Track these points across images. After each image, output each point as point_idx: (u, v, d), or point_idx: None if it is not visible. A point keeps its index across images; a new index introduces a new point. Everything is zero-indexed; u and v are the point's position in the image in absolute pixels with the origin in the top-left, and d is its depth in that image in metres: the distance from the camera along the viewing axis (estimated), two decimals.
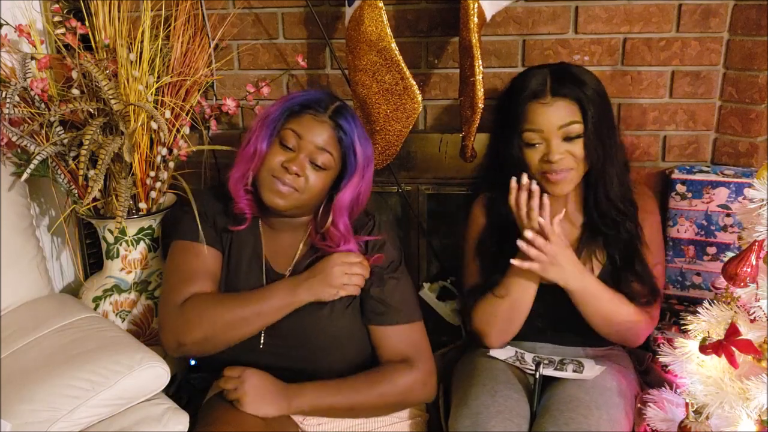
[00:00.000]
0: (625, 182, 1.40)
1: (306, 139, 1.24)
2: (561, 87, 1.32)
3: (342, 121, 1.26)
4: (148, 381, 1.21)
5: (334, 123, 1.26)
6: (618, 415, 1.25)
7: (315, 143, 1.24)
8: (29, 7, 1.55)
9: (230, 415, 1.20)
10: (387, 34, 1.40)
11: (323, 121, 1.26)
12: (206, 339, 1.23)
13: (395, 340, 1.30)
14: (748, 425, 1.09)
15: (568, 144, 1.33)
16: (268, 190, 1.24)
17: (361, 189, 1.29)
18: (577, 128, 1.32)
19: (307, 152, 1.24)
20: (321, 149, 1.24)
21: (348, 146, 1.26)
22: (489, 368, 1.38)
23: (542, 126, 1.32)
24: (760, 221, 1.06)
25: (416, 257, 1.80)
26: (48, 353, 1.23)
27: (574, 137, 1.32)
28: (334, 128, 1.26)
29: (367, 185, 1.31)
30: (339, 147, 1.26)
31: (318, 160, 1.24)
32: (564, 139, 1.32)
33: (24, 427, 1.10)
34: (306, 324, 1.28)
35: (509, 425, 1.22)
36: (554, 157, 1.32)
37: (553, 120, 1.32)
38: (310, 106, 1.27)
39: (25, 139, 1.45)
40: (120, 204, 1.46)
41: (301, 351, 1.29)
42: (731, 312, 1.13)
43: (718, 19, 1.58)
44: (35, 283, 1.50)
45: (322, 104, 1.27)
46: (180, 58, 1.60)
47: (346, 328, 1.30)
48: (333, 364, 1.29)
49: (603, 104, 1.35)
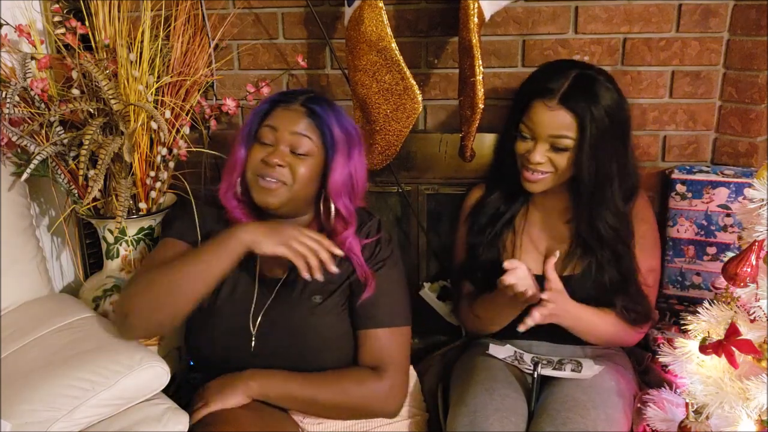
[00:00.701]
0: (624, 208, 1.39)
1: (281, 130, 1.24)
2: (571, 98, 1.32)
3: (314, 105, 1.26)
4: (148, 381, 1.21)
5: (306, 109, 1.26)
6: (616, 415, 1.25)
7: (290, 130, 1.24)
8: (29, 7, 1.55)
9: (230, 415, 1.20)
10: (387, 34, 1.40)
11: (295, 109, 1.26)
12: (150, 305, 1.19)
13: (373, 344, 1.29)
14: (748, 425, 1.09)
15: (553, 153, 1.35)
16: (256, 191, 1.24)
17: (351, 170, 1.27)
18: (566, 143, 1.33)
19: (286, 142, 1.24)
20: (298, 135, 1.24)
21: (324, 128, 1.25)
22: (487, 367, 1.38)
23: (535, 126, 1.35)
24: (760, 221, 1.06)
25: (416, 257, 1.80)
26: (48, 353, 1.23)
27: (560, 149, 1.34)
28: (308, 114, 1.25)
29: (359, 166, 1.29)
30: (317, 131, 1.25)
31: (298, 148, 1.24)
32: (551, 146, 1.34)
33: (24, 427, 1.10)
34: (296, 325, 1.27)
35: (507, 424, 1.22)
36: (533, 158, 1.36)
37: (547, 126, 1.33)
38: (280, 100, 1.28)
39: (25, 139, 1.45)
40: (120, 204, 1.46)
41: (292, 353, 1.28)
42: (731, 312, 1.13)
43: (718, 19, 1.58)
44: (35, 283, 1.50)
45: (293, 95, 1.29)
46: (180, 58, 1.60)
47: (336, 329, 1.29)
48: (325, 367, 1.28)
49: (612, 126, 1.33)
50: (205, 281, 1.19)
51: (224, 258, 1.18)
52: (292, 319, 1.27)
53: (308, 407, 1.28)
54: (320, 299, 1.29)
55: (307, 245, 1.19)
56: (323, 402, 1.26)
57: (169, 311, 1.19)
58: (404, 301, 1.34)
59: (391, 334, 1.30)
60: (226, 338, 1.29)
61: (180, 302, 1.19)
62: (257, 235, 1.19)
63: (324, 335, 1.28)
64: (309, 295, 1.29)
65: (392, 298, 1.31)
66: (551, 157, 1.35)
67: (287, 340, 1.28)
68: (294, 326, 1.27)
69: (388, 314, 1.30)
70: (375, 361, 1.29)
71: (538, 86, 1.36)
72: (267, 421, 1.22)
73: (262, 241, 1.18)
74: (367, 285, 1.28)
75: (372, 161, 1.57)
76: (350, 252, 1.28)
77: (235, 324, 1.29)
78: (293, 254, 1.18)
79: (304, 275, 1.18)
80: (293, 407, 1.29)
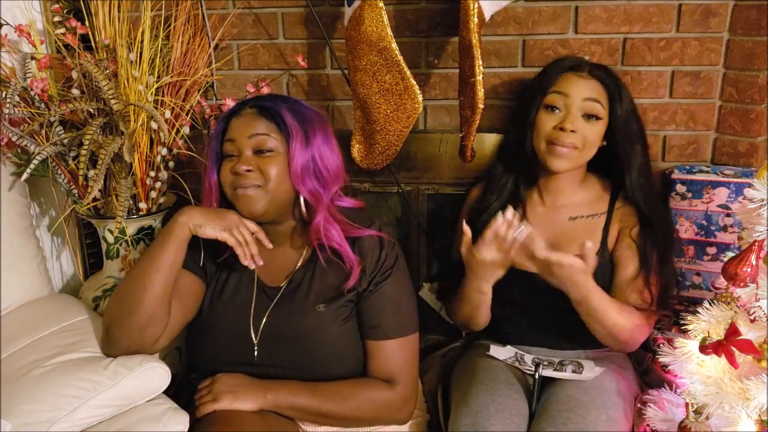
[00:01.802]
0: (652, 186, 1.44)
1: (240, 138, 1.23)
2: (599, 71, 1.40)
3: (263, 102, 1.26)
4: (148, 382, 1.20)
5: (257, 108, 1.25)
6: (616, 416, 1.25)
7: (247, 135, 1.23)
8: (29, 7, 1.55)
9: (230, 415, 1.19)
10: (387, 34, 1.40)
11: (247, 114, 1.26)
12: (123, 310, 1.19)
13: (383, 356, 1.28)
14: (748, 425, 1.09)
15: (585, 122, 1.37)
16: (238, 204, 1.24)
17: (313, 153, 1.24)
18: (598, 108, 1.38)
19: (248, 147, 1.23)
20: (255, 136, 1.23)
21: (278, 119, 1.23)
22: (488, 368, 1.38)
23: (569, 91, 1.38)
24: (760, 221, 1.06)
25: (416, 257, 1.80)
26: (48, 354, 1.23)
27: (592, 117, 1.37)
28: (259, 113, 1.25)
29: (324, 150, 1.26)
30: (272, 125, 1.23)
31: (261, 148, 1.22)
32: (583, 115, 1.36)
33: (24, 428, 1.10)
34: (301, 335, 1.26)
35: (508, 424, 1.22)
36: (567, 126, 1.36)
37: (582, 90, 1.38)
38: (233, 112, 1.28)
39: (25, 139, 1.45)
40: (120, 204, 1.46)
41: (298, 363, 1.26)
42: (731, 312, 1.13)
43: (718, 19, 1.58)
44: (35, 283, 1.50)
45: (244, 104, 1.28)
46: (180, 58, 1.60)
47: (342, 338, 1.27)
48: (332, 376, 1.27)
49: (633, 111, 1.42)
50: (158, 269, 1.19)
51: (171, 243, 1.20)
52: (296, 328, 1.26)
53: (320, 419, 1.27)
54: (324, 308, 1.27)
55: (245, 236, 1.22)
56: (336, 414, 1.25)
57: (141, 312, 1.18)
58: (412, 309, 1.33)
59: (401, 345, 1.28)
60: (228, 349, 1.28)
61: (145, 299, 1.18)
62: (199, 219, 1.21)
63: (330, 344, 1.26)
64: (312, 303, 1.27)
65: (401, 307, 1.30)
66: (583, 127, 1.37)
67: (292, 350, 1.26)
68: (299, 335, 1.26)
69: (397, 324, 1.28)
70: (386, 373, 1.28)
71: (564, 63, 1.43)
72: (267, 421, 1.21)
73: (204, 225, 1.20)
74: (369, 289, 1.27)
75: (372, 161, 1.57)
76: (330, 241, 1.26)
77: (236, 334, 1.28)
78: (234, 241, 1.21)
79: (244, 262, 1.21)
80: (305, 419, 1.28)
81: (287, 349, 1.27)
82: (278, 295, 1.30)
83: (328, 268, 1.28)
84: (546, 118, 1.39)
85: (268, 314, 1.28)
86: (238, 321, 1.29)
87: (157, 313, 1.19)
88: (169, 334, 1.24)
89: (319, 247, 1.27)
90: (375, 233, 1.30)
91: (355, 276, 1.26)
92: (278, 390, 1.23)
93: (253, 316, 1.29)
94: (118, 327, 1.21)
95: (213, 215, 1.22)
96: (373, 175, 1.74)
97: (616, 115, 1.38)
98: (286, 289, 1.30)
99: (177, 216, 1.22)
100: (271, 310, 1.29)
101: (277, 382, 1.24)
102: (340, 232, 1.27)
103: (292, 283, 1.30)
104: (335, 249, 1.26)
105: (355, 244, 1.28)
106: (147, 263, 1.20)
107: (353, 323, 1.29)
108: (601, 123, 1.39)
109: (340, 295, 1.27)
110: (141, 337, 1.20)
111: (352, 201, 1.35)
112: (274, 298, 1.30)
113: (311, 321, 1.26)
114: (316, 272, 1.29)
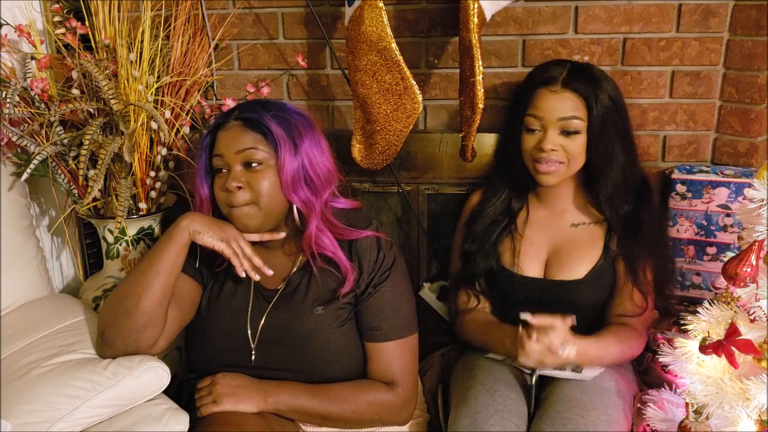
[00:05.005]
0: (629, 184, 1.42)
1: (227, 154, 1.22)
2: (573, 80, 1.36)
3: (246, 114, 1.24)
4: (148, 382, 1.20)
5: (241, 121, 1.23)
6: (616, 415, 1.25)
7: (234, 150, 1.21)
8: (29, 7, 1.55)
9: (231, 416, 1.19)
10: (387, 34, 1.40)
11: (232, 127, 1.23)
12: (119, 312, 1.19)
13: (383, 358, 1.27)
14: (748, 425, 1.08)
15: (564, 138, 1.36)
16: (234, 222, 1.23)
17: (303, 160, 1.22)
18: (576, 124, 1.35)
19: (236, 162, 1.21)
20: (243, 151, 1.21)
21: (263, 130, 1.21)
22: (488, 368, 1.38)
23: (543, 113, 1.37)
24: (760, 221, 1.06)
25: (416, 257, 1.80)
26: (48, 354, 1.23)
27: (571, 132, 1.36)
28: (244, 125, 1.23)
29: (313, 155, 1.24)
30: (259, 137, 1.22)
31: (250, 160, 1.21)
32: (561, 132, 1.36)
33: (24, 427, 1.10)
34: (299, 337, 1.26)
35: (508, 425, 1.22)
36: (546, 146, 1.36)
37: (556, 109, 1.36)
38: (217, 126, 1.26)
39: (25, 139, 1.45)
40: (120, 204, 1.46)
41: (297, 365, 1.26)
42: (731, 312, 1.13)
43: (718, 19, 1.58)
44: (35, 283, 1.50)
45: (227, 116, 1.26)
46: (180, 58, 1.60)
47: (341, 341, 1.27)
48: (331, 378, 1.27)
49: (615, 110, 1.38)
50: (158, 272, 1.19)
51: (170, 246, 1.20)
52: (295, 331, 1.26)
53: (322, 421, 1.26)
54: (322, 310, 1.27)
55: (242, 249, 1.22)
56: (337, 416, 1.25)
57: (138, 315, 1.18)
58: (411, 310, 1.33)
59: (401, 346, 1.28)
60: (225, 352, 1.28)
61: (143, 302, 1.17)
62: (199, 226, 1.21)
63: (329, 347, 1.26)
64: (310, 306, 1.27)
65: (399, 308, 1.29)
66: (563, 144, 1.36)
67: (290, 353, 1.26)
68: (297, 338, 1.26)
69: (396, 326, 1.28)
70: (387, 375, 1.27)
71: (538, 77, 1.40)
72: (267, 421, 1.21)
73: (203, 232, 1.21)
74: (367, 291, 1.27)
75: (372, 161, 1.57)
76: (323, 250, 1.25)
77: (233, 337, 1.28)
78: (230, 252, 1.21)
79: (241, 274, 1.22)
80: (306, 421, 1.28)
81: (285, 352, 1.26)
82: (275, 297, 1.30)
83: (324, 274, 1.27)
84: (527, 138, 1.41)
85: (266, 317, 1.28)
86: (236, 324, 1.29)
87: (154, 317, 1.19)
88: (167, 338, 1.24)
89: (311, 256, 1.26)
90: (372, 234, 1.29)
91: (350, 283, 1.26)
92: (279, 392, 1.23)
93: (250, 319, 1.28)
94: (114, 329, 1.20)
95: (213, 225, 1.22)
96: (373, 175, 1.74)
97: (593, 121, 1.36)
98: (284, 291, 1.30)
99: (179, 220, 1.22)
100: (269, 313, 1.28)
101: (278, 383, 1.24)
102: (333, 240, 1.26)
103: (290, 285, 1.30)
104: (329, 257, 1.26)
105: (352, 246, 1.28)
106: (146, 266, 1.20)
107: (352, 325, 1.29)
108: (581, 135, 1.37)
109: (337, 298, 1.27)
110: (137, 339, 1.19)
111: (348, 201, 1.34)
112: (272, 300, 1.29)
113: (309, 324, 1.26)
114: (314, 275, 1.28)
